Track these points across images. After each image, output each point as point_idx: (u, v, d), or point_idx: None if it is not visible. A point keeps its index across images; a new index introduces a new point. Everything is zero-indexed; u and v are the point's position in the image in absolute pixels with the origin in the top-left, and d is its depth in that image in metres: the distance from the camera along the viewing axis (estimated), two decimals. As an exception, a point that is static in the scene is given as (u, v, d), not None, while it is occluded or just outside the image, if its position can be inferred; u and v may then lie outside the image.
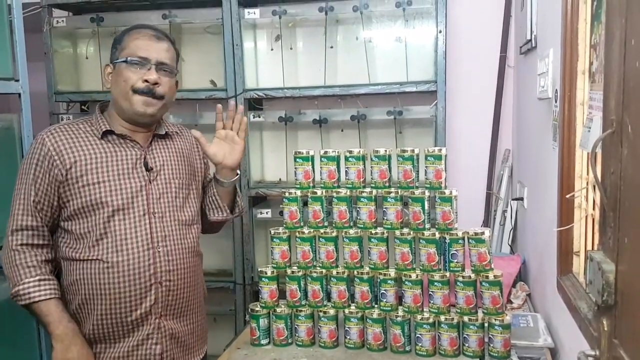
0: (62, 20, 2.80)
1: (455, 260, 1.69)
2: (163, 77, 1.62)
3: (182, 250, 1.66)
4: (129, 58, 1.59)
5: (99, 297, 1.57)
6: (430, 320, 1.69)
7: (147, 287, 1.59)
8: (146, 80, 1.58)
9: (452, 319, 1.68)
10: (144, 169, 1.63)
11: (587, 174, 1.46)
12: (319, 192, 1.80)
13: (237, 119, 1.73)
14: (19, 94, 2.13)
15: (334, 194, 1.79)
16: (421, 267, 1.72)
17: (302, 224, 1.82)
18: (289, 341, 1.82)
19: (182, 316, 1.68)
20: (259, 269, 1.85)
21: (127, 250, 1.58)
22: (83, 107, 2.93)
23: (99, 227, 1.56)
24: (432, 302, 1.70)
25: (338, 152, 1.83)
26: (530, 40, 2.13)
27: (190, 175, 1.75)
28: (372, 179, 1.79)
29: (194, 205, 1.74)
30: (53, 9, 2.82)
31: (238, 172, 1.78)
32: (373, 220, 1.77)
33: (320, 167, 1.82)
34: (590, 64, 1.41)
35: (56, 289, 1.58)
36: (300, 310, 1.80)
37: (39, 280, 1.55)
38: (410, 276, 1.71)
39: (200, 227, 1.78)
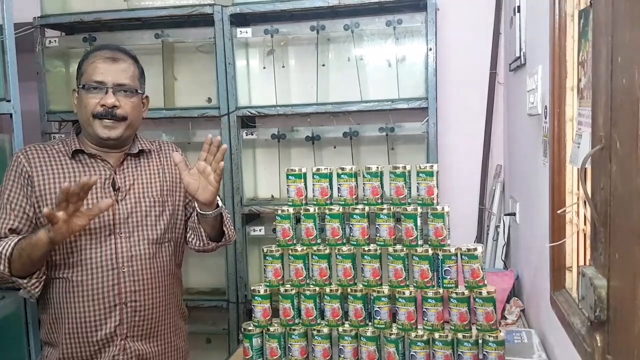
0: (55, 40, 2.81)
1: (449, 277, 1.68)
2: (122, 99, 1.62)
3: (151, 270, 1.65)
4: (86, 84, 1.61)
5: (65, 316, 1.58)
6: (425, 338, 1.68)
7: (110, 307, 1.58)
8: (104, 105, 1.59)
9: (447, 336, 1.67)
10: (111, 189, 1.64)
11: (578, 189, 1.46)
12: (311, 209, 1.80)
13: (214, 155, 1.58)
14: (11, 114, 2.13)
15: (327, 211, 1.79)
16: (414, 284, 1.71)
17: (294, 241, 1.82)
18: (283, 360, 1.80)
19: (151, 337, 1.66)
20: (252, 288, 1.83)
21: (92, 270, 1.58)
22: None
23: (66, 246, 1.57)
24: (426, 319, 1.70)
25: (330, 169, 1.83)
26: (520, 57, 2.15)
27: (167, 191, 1.73)
28: (364, 195, 1.79)
29: (170, 221, 1.71)
30: (45, 29, 2.83)
31: (219, 204, 1.67)
32: (366, 237, 1.77)
33: (313, 184, 1.82)
34: (579, 80, 1.42)
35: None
36: (294, 329, 1.78)
37: (13, 237, 1.53)
38: (403, 293, 1.70)
39: (176, 244, 1.76)
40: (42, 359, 1.67)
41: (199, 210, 1.65)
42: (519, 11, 2.16)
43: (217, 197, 1.66)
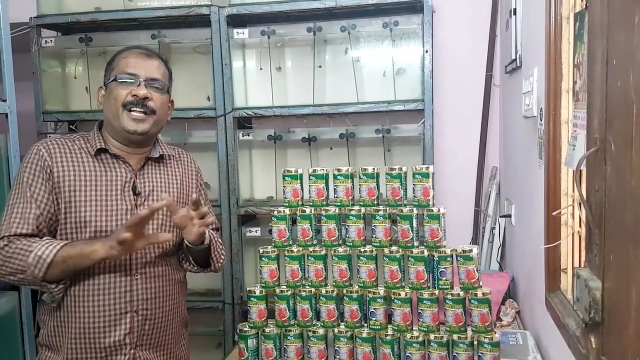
0: (51, 41, 2.80)
1: (444, 278, 1.69)
2: (154, 93, 1.60)
3: (162, 279, 1.63)
4: (118, 76, 1.59)
5: (73, 320, 1.55)
6: (420, 339, 1.69)
7: (121, 314, 1.55)
8: (135, 95, 1.57)
9: (442, 337, 1.67)
10: (131, 192, 1.61)
11: (573, 191, 1.47)
12: (307, 210, 1.80)
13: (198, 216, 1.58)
14: (6, 114, 2.13)
15: (323, 212, 1.79)
16: (410, 285, 1.72)
17: (291, 242, 1.82)
18: (278, 361, 1.80)
19: (159, 346, 1.64)
20: (248, 289, 1.83)
21: (104, 274, 1.55)
22: (71, 126, 2.93)
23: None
24: (421, 320, 1.70)
25: (327, 170, 1.83)
26: (515, 59, 2.16)
27: (182, 202, 1.71)
28: (360, 197, 1.79)
29: (180, 234, 1.68)
30: (41, 29, 2.82)
31: (206, 242, 1.67)
32: (362, 238, 1.77)
33: (309, 186, 1.82)
34: (574, 82, 1.43)
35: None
36: (289, 330, 1.78)
37: (49, 240, 1.50)
38: (399, 294, 1.71)
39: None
40: None
41: (186, 242, 1.65)
42: (514, 14, 2.17)
43: (206, 235, 1.66)
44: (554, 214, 1.52)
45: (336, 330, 1.76)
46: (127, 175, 1.62)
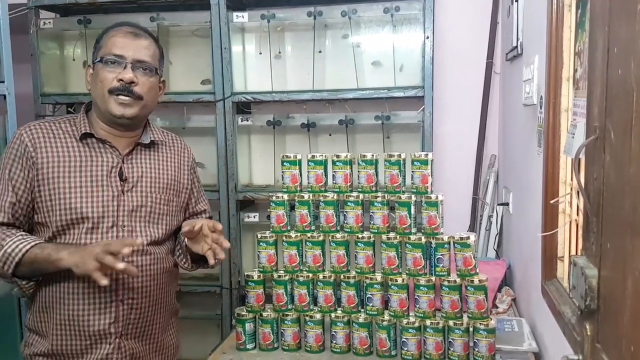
0: (49, 22, 2.78)
1: (441, 265, 1.70)
2: (141, 77, 1.54)
3: (150, 268, 1.58)
4: (104, 57, 1.53)
5: (58, 307, 1.53)
6: (416, 325, 1.70)
7: (106, 303, 1.53)
8: (121, 79, 1.52)
9: (438, 323, 1.68)
10: (118, 178, 1.56)
11: (571, 179, 1.47)
12: (306, 196, 1.80)
13: (217, 241, 1.54)
14: (4, 96, 2.12)
15: (321, 198, 1.79)
16: (407, 272, 1.72)
17: (289, 228, 1.82)
18: (275, 346, 1.81)
19: (145, 335, 1.61)
20: (246, 274, 1.84)
21: None
22: (69, 109, 2.91)
23: (64, 235, 1.51)
24: (417, 306, 1.71)
25: (325, 156, 1.83)
26: (516, 47, 2.15)
27: (174, 190, 1.67)
28: (359, 183, 1.80)
29: (171, 222, 1.65)
30: (40, 10, 2.79)
31: None
32: (360, 224, 1.77)
33: (308, 171, 1.82)
34: (575, 71, 1.43)
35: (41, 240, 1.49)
36: (287, 315, 1.79)
37: (22, 236, 1.48)
38: (396, 280, 1.72)
39: (175, 242, 1.71)
40: (27, 346, 1.61)
41: (188, 244, 1.60)
42: (516, 0, 2.16)
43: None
44: (551, 202, 1.52)
45: (333, 315, 1.77)
46: (114, 160, 1.57)
